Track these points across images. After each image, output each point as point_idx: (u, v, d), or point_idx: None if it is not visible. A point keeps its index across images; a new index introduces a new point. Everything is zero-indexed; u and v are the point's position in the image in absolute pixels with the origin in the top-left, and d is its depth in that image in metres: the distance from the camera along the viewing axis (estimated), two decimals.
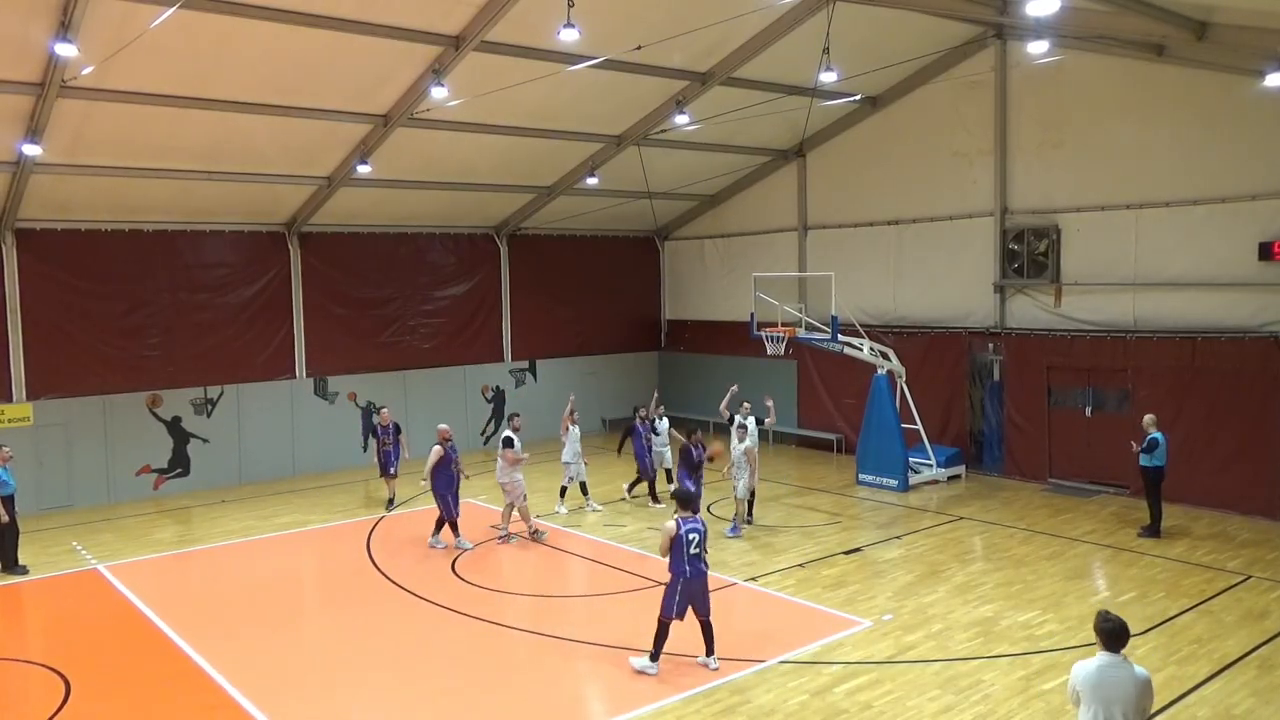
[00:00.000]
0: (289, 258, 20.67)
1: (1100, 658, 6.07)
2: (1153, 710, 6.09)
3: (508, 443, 14.87)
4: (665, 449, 17.51)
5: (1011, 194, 18.55)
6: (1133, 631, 10.49)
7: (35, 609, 12.87)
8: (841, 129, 21.32)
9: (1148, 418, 14.77)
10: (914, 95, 19.81)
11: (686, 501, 10.12)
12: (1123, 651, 6.06)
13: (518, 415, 15.85)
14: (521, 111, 17.28)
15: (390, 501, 17.49)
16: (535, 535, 14.95)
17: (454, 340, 23.15)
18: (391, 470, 17.40)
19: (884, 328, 20.48)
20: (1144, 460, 14.46)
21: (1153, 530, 14.52)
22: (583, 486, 17.06)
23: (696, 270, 25.94)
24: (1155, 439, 14.39)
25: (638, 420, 17.03)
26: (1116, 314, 17.12)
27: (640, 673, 9.80)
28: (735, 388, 16.58)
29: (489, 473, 17.46)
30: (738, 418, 15.75)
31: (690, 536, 9.77)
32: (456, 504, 14.64)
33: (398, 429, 17.62)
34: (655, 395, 18.71)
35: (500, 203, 22.30)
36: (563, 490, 16.98)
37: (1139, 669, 6.04)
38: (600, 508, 16.91)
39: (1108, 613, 6.18)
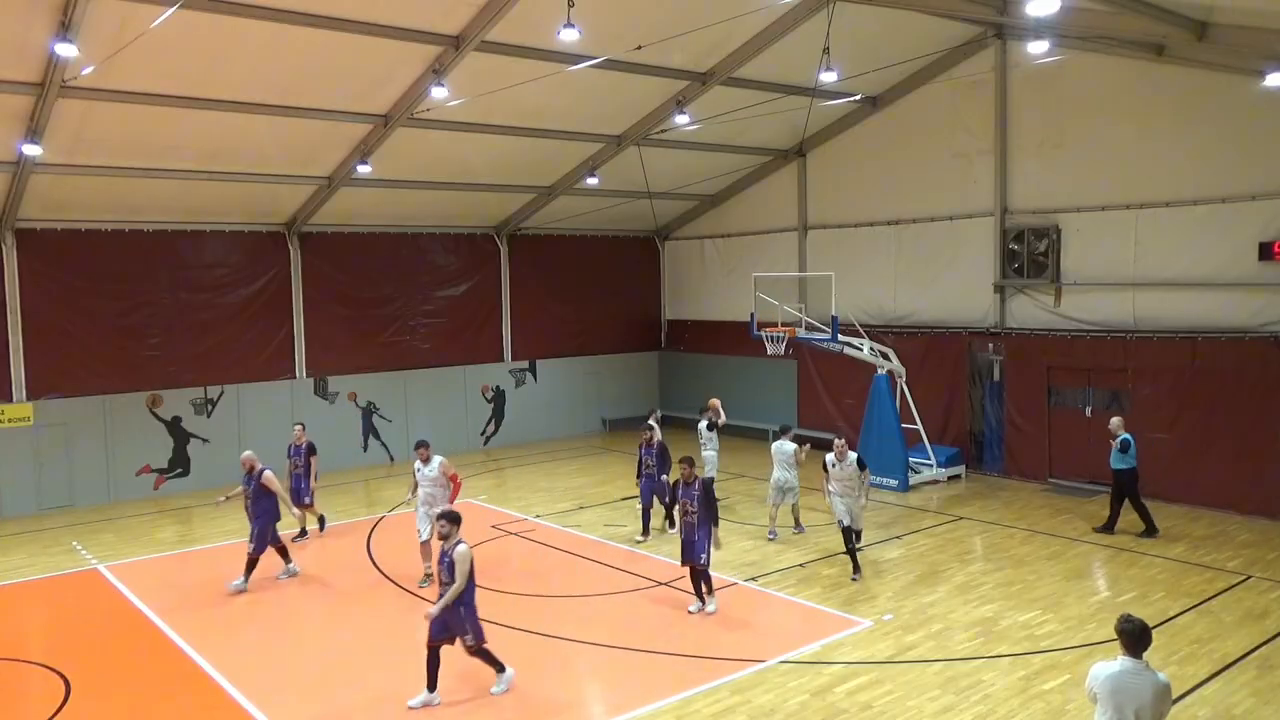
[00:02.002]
0: (289, 258, 20.68)
1: (1121, 661, 5.96)
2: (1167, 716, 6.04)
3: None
4: (712, 454, 16.70)
5: (1011, 194, 18.55)
6: None
7: (35, 609, 12.87)
8: (841, 129, 21.32)
9: (1115, 420, 14.86)
10: (914, 95, 19.81)
11: (461, 520, 9.54)
12: (1145, 655, 5.94)
13: (423, 445, 13.29)
14: (521, 111, 17.28)
15: (302, 532, 15.52)
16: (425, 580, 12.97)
17: (454, 340, 23.16)
18: (306, 499, 15.32)
19: (884, 328, 20.48)
20: (1119, 462, 14.51)
21: (1150, 530, 14.56)
22: None
23: (696, 270, 25.94)
24: (1128, 440, 14.45)
25: (642, 444, 15.21)
26: (1116, 314, 17.12)
27: (425, 705, 9.26)
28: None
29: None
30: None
31: (445, 561, 9.28)
32: (262, 539, 13.01)
33: (311, 449, 15.41)
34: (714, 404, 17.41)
35: (500, 203, 22.31)
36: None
37: (1160, 676, 5.92)
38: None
39: (1130, 615, 6.04)
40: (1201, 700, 9.01)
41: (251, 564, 12.96)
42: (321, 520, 15.92)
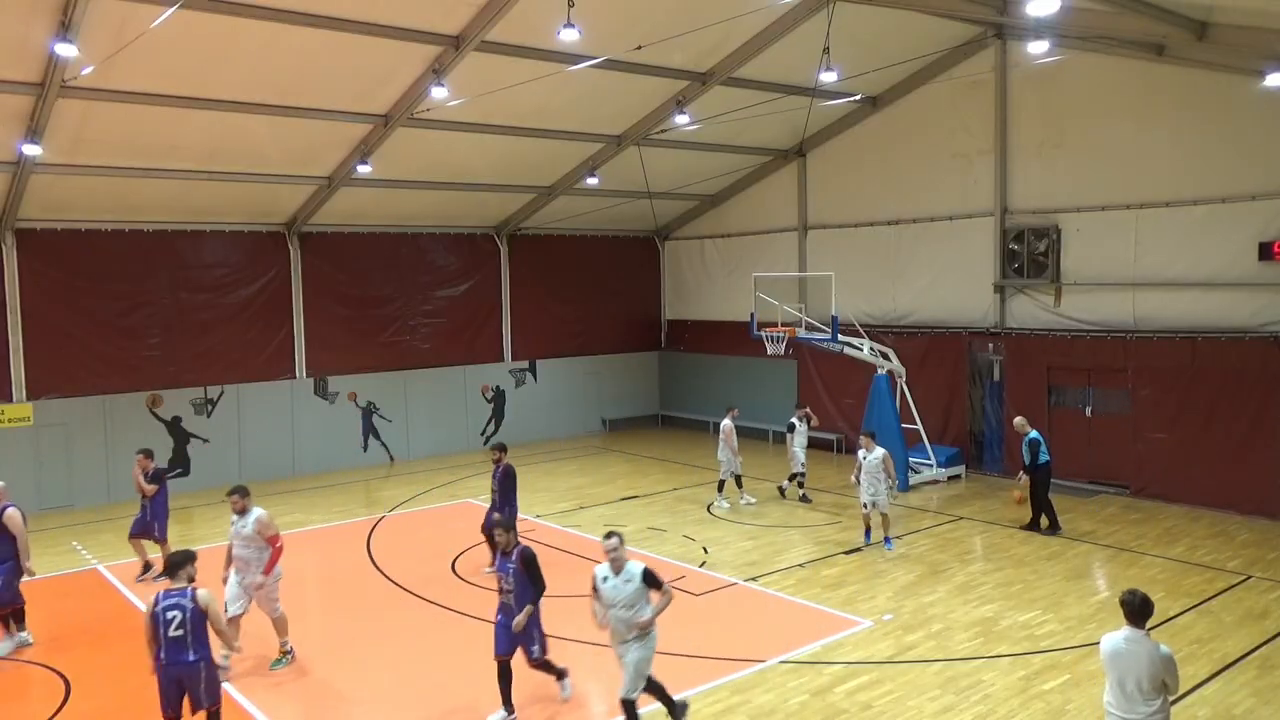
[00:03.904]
0: (289, 258, 20.68)
1: (1123, 631, 6.40)
2: (1178, 688, 6.48)
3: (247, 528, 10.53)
4: (800, 450, 17.12)
5: (1011, 194, 18.55)
6: None
7: (35, 609, 12.83)
8: (841, 129, 21.32)
9: (1018, 419, 15.05)
10: (914, 95, 19.81)
11: (175, 566, 7.79)
12: (1146, 626, 6.36)
13: (239, 492, 10.78)
14: (521, 111, 17.27)
15: (147, 567, 13.49)
16: (280, 659, 10.42)
17: (454, 340, 23.16)
18: (155, 532, 13.38)
19: (884, 328, 20.48)
20: (1031, 461, 14.63)
21: (1054, 528, 14.73)
22: (738, 480, 17.08)
23: (696, 270, 25.94)
24: (1036, 439, 14.58)
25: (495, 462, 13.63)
26: (1116, 314, 17.11)
27: None
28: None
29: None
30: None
31: (170, 615, 7.55)
32: (7, 589, 10.94)
33: (161, 476, 13.51)
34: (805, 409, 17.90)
35: (500, 203, 22.31)
36: (729, 482, 17.10)
37: (1162, 647, 6.29)
38: (753, 500, 17.04)
39: (1133, 590, 6.49)
40: (1201, 700, 9.01)
41: (9, 616, 11.04)
42: (146, 565, 13.55)
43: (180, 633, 7.58)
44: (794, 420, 17.43)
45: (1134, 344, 16.79)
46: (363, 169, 17.64)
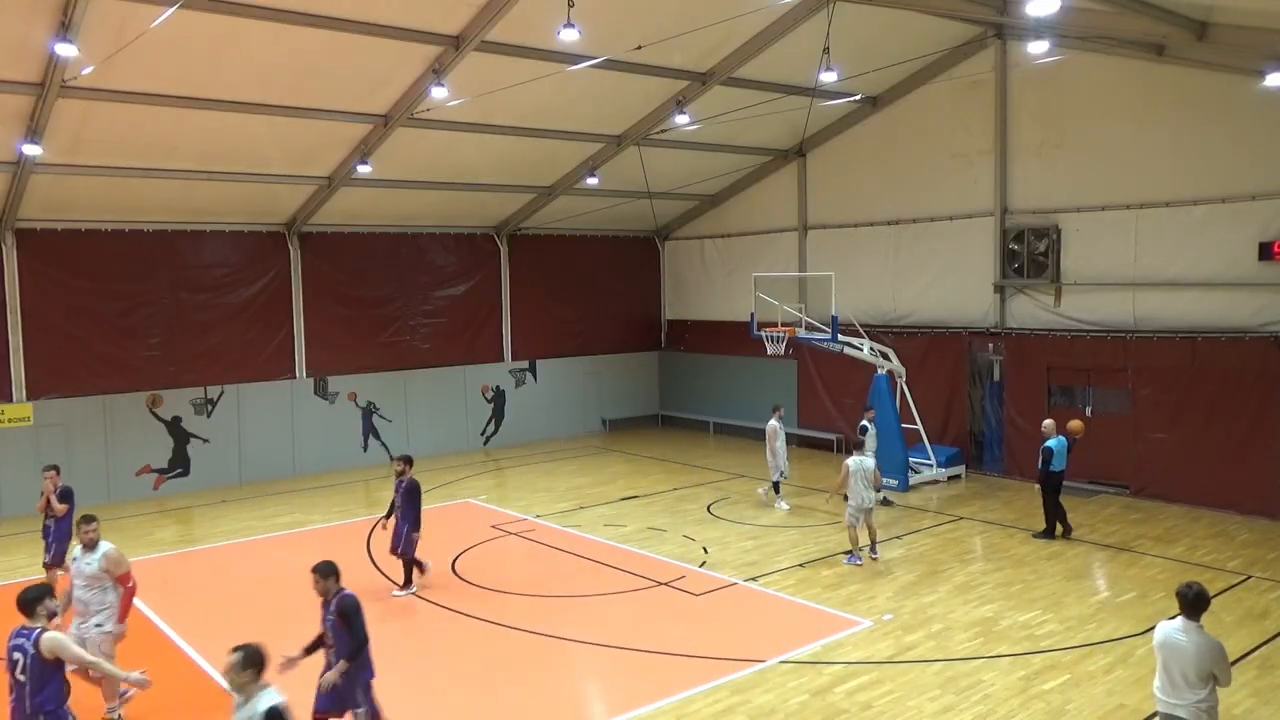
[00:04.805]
0: (289, 258, 20.68)
1: (1177, 622, 6.64)
2: (1230, 680, 6.68)
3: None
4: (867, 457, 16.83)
5: (1011, 194, 18.55)
6: (1131, 632, 10.55)
7: None
8: (841, 129, 21.32)
9: (1048, 422, 15.00)
10: (914, 95, 19.81)
11: (31, 602, 7.06)
12: (1200, 619, 6.58)
13: (90, 522, 9.52)
14: (521, 111, 17.28)
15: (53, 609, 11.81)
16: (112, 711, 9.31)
17: (454, 340, 23.16)
18: (58, 554, 12.12)
19: (884, 328, 20.47)
20: (1058, 463, 14.59)
21: (1048, 533, 14.64)
22: (775, 486, 17.03)
23: (696, 270, 25.94)
24: (1050, 448, 14.57)
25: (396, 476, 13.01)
26: (1116, 314, 17.12)
27: None
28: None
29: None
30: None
31: (14, 657, 6.82)
32: None
33: (68, 496, 12.20)
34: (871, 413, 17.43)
35: (500, 203, 22.31)
36: (779, 483, 17.06)
37: (1211, 638, 6.53)
38: (786, 506, 16.84)
39: (1190, 583, 6.72)
40: None
41: None
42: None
43: (23, 678, 6.84)
44: (865, 423, 16.87)
45: (1134, 344, 16.79)
46: (363, 169, 17.64)
